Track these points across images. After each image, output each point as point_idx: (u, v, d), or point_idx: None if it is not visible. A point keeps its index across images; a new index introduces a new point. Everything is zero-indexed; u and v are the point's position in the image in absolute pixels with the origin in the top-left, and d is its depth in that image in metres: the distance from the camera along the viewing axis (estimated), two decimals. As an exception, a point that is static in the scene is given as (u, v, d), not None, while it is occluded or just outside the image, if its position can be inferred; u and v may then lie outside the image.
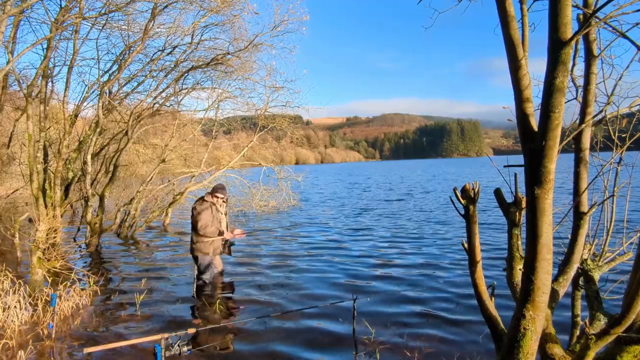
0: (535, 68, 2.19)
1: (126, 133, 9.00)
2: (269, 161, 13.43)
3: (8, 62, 5.97)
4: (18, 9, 5.82)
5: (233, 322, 4.28)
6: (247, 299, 5.26)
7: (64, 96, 7.87)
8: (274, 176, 13.40)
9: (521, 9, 2.21)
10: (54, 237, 5.69)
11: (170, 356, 3.19)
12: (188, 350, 3.33)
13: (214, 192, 5.90)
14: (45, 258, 5.39)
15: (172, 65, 9.37)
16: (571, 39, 1.80)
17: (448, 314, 4.61)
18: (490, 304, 2.49)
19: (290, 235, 9.93)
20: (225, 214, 6.08)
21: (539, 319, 2.06)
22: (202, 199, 5.90)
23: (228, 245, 6.02)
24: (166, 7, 7.72)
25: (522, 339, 2.09)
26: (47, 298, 4.64)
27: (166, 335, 3.18)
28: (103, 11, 7.11)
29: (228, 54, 9.28)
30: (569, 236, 2.54)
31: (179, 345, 3.25)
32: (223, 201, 5.98)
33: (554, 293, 2.45)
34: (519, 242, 2.52)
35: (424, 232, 9.88)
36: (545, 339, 2.35)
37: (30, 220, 8.57)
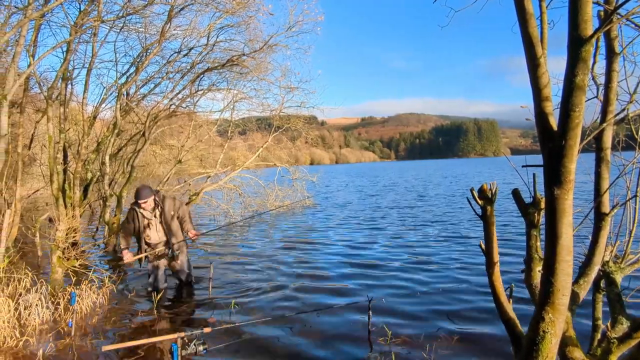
0: (554, 66, 2.16)
1: (143, 134, 9.13)
2: (283, 161, 13.50)
3: (29, 65, 6.12)
4: (39, 13, 5.96)
5: (248, 322, 4.29)
6: (262, 299, 5.28)
7: (83, 98, 8.06)
8: (289, 176, 13.46)
9: (540, 6, 2.17)
10: (74, 237, 5.79)
11: (187, 355, 3.21)
12: (204, 349, 3.35)
13: (134, 203, 5.39)
14: (65, 257, 5.49)
15: (188, 67, 9.48)
16: (592, 36, 1.76)
17: (466, 317, 4.56)
18: (508, 306, 2.45)
19: (308, 237, 9.95)
20: (158, 215, 5.46)
21: (558, 321, 2.02)
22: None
23: (169, 257, 5.54)
24: (182, 9, 7.82)
25: (541, 342, 2.05)
26: (67, 296, 4.73)
27: (182, 334, 3.21)
28: (121, 14, 7.25)
29: (243, 55, 9.34)
30: (590, 237, 2.49)
31: (195, 344, 3.28)
32: (144, 208, 5.32)
33: (574, 295, 2.40)
34: (538, 244, 2.47)
35: (440, 233, 9.80)
36: (565, 342, 2.30)
37: (50, 220, 8.75)
